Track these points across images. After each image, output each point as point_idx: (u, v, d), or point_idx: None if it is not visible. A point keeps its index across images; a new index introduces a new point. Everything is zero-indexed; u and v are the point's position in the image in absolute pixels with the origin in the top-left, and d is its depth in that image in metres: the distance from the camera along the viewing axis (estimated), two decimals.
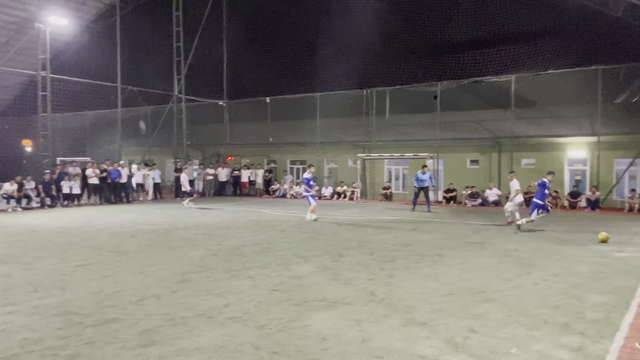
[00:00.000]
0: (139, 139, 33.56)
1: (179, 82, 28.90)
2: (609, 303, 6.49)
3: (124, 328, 5.53)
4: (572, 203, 21.32)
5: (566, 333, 5.36)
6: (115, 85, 26.62)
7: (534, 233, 13.44)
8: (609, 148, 21.81)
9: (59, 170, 22.42)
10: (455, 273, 8.34)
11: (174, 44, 28.61)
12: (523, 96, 23.30)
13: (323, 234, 13.02)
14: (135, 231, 13.60)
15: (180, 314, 6.04)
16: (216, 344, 5.05)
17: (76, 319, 5.83)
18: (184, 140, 29.14)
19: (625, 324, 5.65)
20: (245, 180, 29.28)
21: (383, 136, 27.07)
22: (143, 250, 10.52)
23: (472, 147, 25.33)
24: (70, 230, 13.94)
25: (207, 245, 11.22)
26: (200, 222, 15.71)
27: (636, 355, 4.76)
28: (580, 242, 11.73)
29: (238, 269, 8.64)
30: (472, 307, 6.31)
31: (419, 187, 20.13)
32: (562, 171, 23.33)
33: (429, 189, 20.50)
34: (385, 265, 8.99)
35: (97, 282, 7.70)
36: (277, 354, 4.78)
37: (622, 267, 8.87)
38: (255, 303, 6.49)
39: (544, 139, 23.38)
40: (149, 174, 25.24)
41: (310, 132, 28.44)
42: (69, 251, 10.47)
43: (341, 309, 6.24)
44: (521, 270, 8.58)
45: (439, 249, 10.69)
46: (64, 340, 5.15)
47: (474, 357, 4.70)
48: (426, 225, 15.15)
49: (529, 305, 6.38)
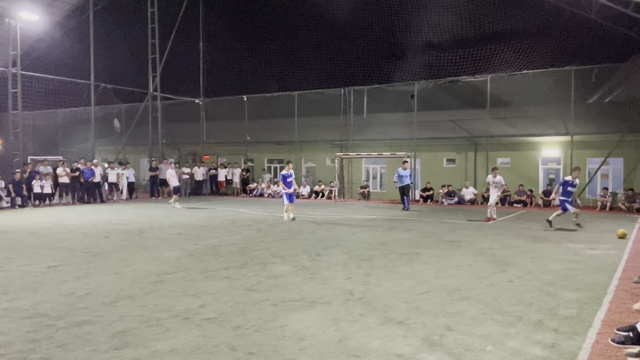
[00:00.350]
0: (112, 137, 33.07)
1: (154, 79, 28.53)
2: (582, 300, 6.60)
3: (97, 330, 5.41)
4: (545, 201, 21.69)
5: (540, 330, 5.42)
6: (89, 82, 26.15)
7: (508, 231, 13.63)
8: (582, 147, 22.24)
9: (30, 169, 21.91)
10: (432, 271, 8.39)
11: (149, 41, 28.24)
12: (498, 96, 23.65)
13: (301, 233, 12.98)
14: (109, 231, 13.37)
15: (155, 315, 5.94)
16: (192, 345, 4.97)
17: (47, 322, 5.69)
18: (160, 138, 28.78)
19: (597, 320, 5.75)
20: (222, 179, 29.07)
21: (361, 135, 27.16)
22: (117, 251, 10.34)
23: (449, 146, 25.58)
24: (42, 230, 13.63)
25: (182, 245, 11.08)
26: (176, 222, 15.53)
27: (608, 351, 4.84)
28: (554, 240, 11.93)
29: (214, 269, 8.55)
30: (448, 305, 6.35)
31: (402, 186, 20.30)
32: (536, 170, 23.73)
33: (409, 188, 20.71)
34: (363, 264, 9.00)
35: (69, 283, 7.54)
36: (254, 354, 4.73)
37: (594, 264, 9.03)
38: (231, 303, 6.43)
39: (519, 139, 23.74)
40: (123, 173, 24.87)
41: (288, 130, 28.37)
42: (40, 252, 10.23)
43: (318, 309, 6.21)
44: (496, 268, 8.68)
45: (416, 248, 10.75)
46: (35, 344, 5.01)
47: (450, 355, 4.72)
48: (403, 224, 15.24)
49: (504, 303, 6.45)
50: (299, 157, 28.73)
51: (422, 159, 25.83)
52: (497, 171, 16.53)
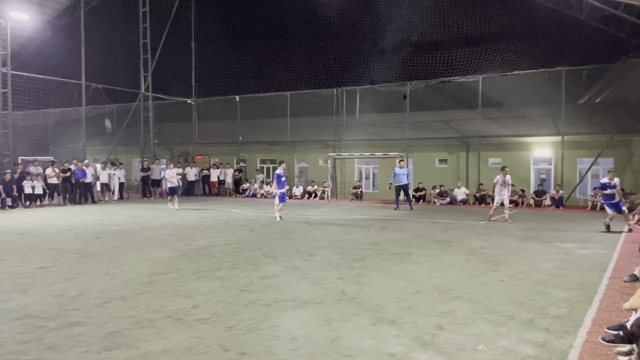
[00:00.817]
0: (104, 137, 32.88)
1: (146, 79, 28.41)
2: (572, 299, 6.65)
3: (88, 331, 5.38)
4: (537, 201, 21.83)
5: (531, 329, 5.46)
6: (80, 82, 25.98)
7: (500, 231, 13.69)
8: (573, 147, 22.39)
9: (21, 169, 21.74)
10: (424, 271, 8.42)
11: (141, 41, 28.11)
12: (490, 96, 23.75)
13: (293, 234, 12.98)
14: (100, 232, 13.30)
15: (147, 316, 5.92)
16: (184, 346, 4.96)
17: (38, 323, 5.66)
18: (151, 139, 28.65)
19: (588, 319, 5.79)
20: (215, 179, 28.99)
21: (353, 135, 27.18)
22: (108, 252, 10.28)
23: (441, 146, 25.66)
24: (32, 231, 13.54)
25: (174, 246, 11.04)
26: (168, 223, 15.47)
27: (599, 349, 4.88)
28: (545, 240, 12.00)
29: (206, 269, 8.53)
30: (440, 305, 6.37)
31: (399, 186, 20.32)
32: (527, 170, 23.86)
33: (407, 186, 20.73)
34: (355, 264, 9.01)
35: (60, 284, 7.49)
36: (247, 355, 4.73)
37: (585, 264, 9.10)
38: (224, 304, 6.42)
39: (510, 139, 23.86)
40: (115, 173, 24.74)
41: (280, 131, 28.34)
42: (30, 253, 10.16)
43: (311, 309, 6.22)
44: (488, 267, 8.72)
45: (408, 248, 10.78)
46: (26, 345, 4.98)
47: (442, 354, 4.74)
48: (395, 224, 15.27)
49: (495, 302, 6.48)
50: (291, 158, 28.71)
51: (414, 159, 25.89)
52: (507, 170, 16.15)
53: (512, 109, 24.36)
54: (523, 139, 23.61)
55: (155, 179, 26.91)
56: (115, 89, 28.94)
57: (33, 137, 30.30)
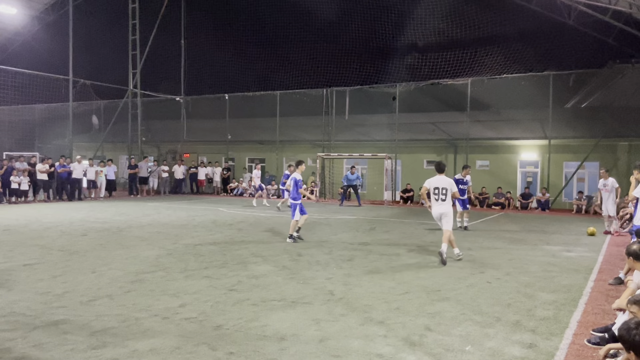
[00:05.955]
0: (91, 134, 32.57)
1: (134, 76, 28.17)
2: (558, 301, 6.71)
3: (74, 329, 5.33)
4: (523, 204, 22.00)
5: (518, 330, 5.51)
6: (67, 77, 25.68)
7: (487, 233, 13.79)
8: (559, 151, 22.61)
9: (6, 165, 21.44)
10: (412, 272, 8.45)
11: (130, 37, 27.87)
12: (478, 99, 23.90)
13: (282, 233, 12.96)
14: (87, 229, 13.17)
15: (134, 314, 5.87)
16: (171, 345, 4.93)
17: (23, 320, 5.59)
18: (139, 136, 28.42)
19: (573, 321, 5.86)
20: (203, 178, 28.86)
21: (342, 136, 27.21)
22: (95, 249, 10.19)
23: (429, 148, 25.78)
24: (18, 227, 13.37)
25: (162, 244, 10.97)
26: (155, 221, 15.37)
27: (584, 351, 4.93)
28: (531, 242, 12.11)
29: (194, 268, 8.48)
30: (427, 306, 6.40)
31: (347, 185, 22.41)
32: (514, 173, 24.05)
33: (357, 187, 22.56)
34: (344, 264, 9.02)
35: (46, 282, 7.41)
36: (235, 354, 4.71)
37: (571, 266, 9.19)
38: (212, 303, 6.39)
39: (498, 142, 24.03)
40: (102, 170, 24.50)
41: (269, 130, 28.29)
42: (15, 250, 10.03)
43: (299, 309, 6.21)
44: (475, 269, 8.77)
45: (397, 248, 10.82)
46: (10, 342, 4.92)
47: (430, 355, 4.76)
48: (384, 225, 15.31)
49: (483, 304, 6.53)
50: (280, 157, 28.66)
51: (402, 161, 25.98)
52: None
53: (500, 112, 24.53)
54: (510, 142, 23.79)
55: (142, 176, 26.70)
56: (103, 85, 28.65)
57: (18, 133, 29.93)
